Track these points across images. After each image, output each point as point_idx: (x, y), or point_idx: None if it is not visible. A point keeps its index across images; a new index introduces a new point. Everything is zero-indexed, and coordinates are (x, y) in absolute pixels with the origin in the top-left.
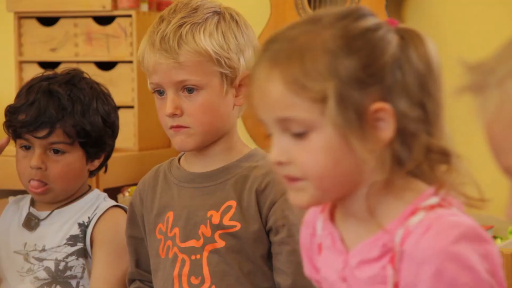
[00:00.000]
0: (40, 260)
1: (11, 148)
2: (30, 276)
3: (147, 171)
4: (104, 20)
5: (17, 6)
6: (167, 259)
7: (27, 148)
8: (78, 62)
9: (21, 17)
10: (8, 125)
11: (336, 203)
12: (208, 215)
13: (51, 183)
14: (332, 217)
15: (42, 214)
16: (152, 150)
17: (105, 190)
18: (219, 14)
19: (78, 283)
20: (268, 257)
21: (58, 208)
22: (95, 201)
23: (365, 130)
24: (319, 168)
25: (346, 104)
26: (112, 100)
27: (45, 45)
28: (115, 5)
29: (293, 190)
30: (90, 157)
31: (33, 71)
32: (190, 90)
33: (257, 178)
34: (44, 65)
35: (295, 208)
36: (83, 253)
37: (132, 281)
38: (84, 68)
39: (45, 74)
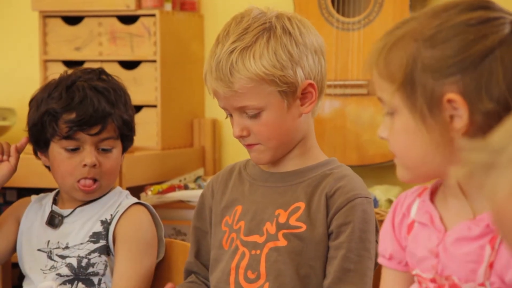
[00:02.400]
0: (63, 257)
1: (31, 147)
2: (53, 273)
3: (169, 170)
4: (128, 20)
5: (42, 5)
6: (229, 251)
7: (74, 149)
8: (102, 61)
9: (46, 16)
10: (55, 125)
11: (438, 186)
12: (276, 213)
13: (101, 179)
14: (432, 199)
15: (64, 212)
16: (175, 149)
17: (128, 189)
18: (270, 30)
19: (100, 280)
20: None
21: (80, 206)
22: (118, 199)
23: None
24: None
25: None
26: None
27: (70, 44)
28: (139, 5)
29: None
30: (123, 152)
31: (58, 70)
32: (252, 113)
33: (329, 183)
34: (68, 64)
35: (358, 216)
36: (106, 250)
37: (189, 272)
38: (108, 67)
39: (67, 73)
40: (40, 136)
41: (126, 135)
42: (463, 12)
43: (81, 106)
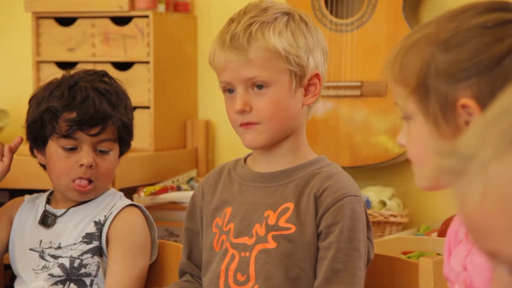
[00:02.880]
0: (56, 257)
1: (24, 148)
2: (45, 273)
3: (162, 172)
4: (121, 21)
5: (35, 6)
6: (219, 253)
7: (71, 149)
8: (95, 62)
9: (39, 17)
10: (55, 123)
11: None
12: (265, 215)
13: (97, 181)
14: None
15: (58, 211)
16: (168, 150)
17: (120, 190)
18: (289, 14)
19: (92, 282)
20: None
21: (74, 206)
22: (111, 200)
23: None
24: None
25: None
26: None
27: (63, 45)
28: (132, 6)
29: None
30: (119, 156)
31: (51, 71)
32: (260, 86)
33: (317, 183)
34: (61, 65)
35: (347, 216)
36: (99, 251)
37: (183, 273)
38: (101, 68)
39: (70, 73)
40: (39, 133)
41: (124, 139)
42: (480, 14)
43: (83, 106)
